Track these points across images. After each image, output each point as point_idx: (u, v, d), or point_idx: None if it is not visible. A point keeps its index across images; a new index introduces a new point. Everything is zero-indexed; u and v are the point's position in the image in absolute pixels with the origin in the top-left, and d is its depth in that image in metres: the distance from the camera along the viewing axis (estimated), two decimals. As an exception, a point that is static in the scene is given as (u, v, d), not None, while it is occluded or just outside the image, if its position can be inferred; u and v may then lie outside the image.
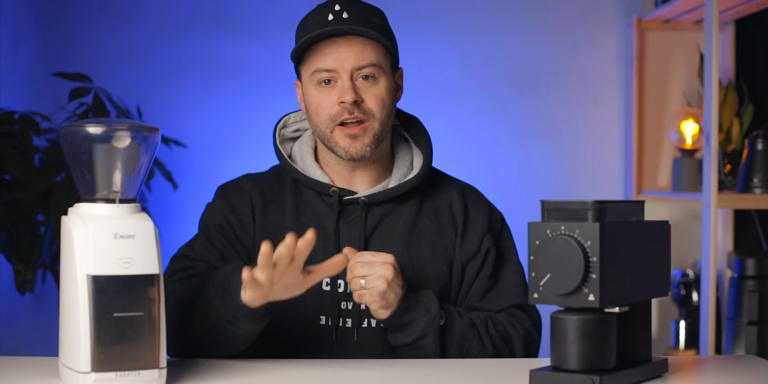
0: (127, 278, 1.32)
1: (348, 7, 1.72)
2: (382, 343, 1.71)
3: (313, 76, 1.72)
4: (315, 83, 1.73)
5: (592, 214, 1.34)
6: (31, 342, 3.22)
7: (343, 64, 1.70)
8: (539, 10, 3.40)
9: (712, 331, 2.64)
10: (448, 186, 1.85)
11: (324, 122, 1.72)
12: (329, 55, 1.70)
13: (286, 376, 1.50)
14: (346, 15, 1.70)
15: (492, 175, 3.32)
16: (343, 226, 1.75)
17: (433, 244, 1.77)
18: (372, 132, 1.72)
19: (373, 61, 1.71)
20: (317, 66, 1.71)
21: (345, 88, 1.70)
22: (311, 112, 1.75)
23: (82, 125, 1.37)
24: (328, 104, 1.71)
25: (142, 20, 3.37)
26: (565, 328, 1.36)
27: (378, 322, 1.71)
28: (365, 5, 1.75)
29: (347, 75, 1.70)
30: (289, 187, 1.79)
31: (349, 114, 1.70)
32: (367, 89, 1.72)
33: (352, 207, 1.76)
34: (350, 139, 1.71)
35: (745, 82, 3.13)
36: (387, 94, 1.73)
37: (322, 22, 1.70)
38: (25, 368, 1.50)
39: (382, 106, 1.72)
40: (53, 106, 3.15)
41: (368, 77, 1.71)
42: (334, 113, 1.71)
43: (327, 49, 1.70)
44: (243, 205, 1.77)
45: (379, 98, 1.72)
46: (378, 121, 1.72)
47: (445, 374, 1.52)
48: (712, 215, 2.64)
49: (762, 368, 1.56)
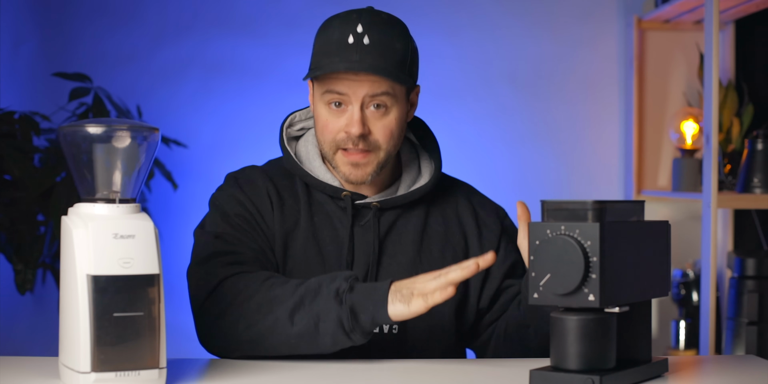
0: (127, 278, 1.32)
1: (370, 31, 1.66)
2: (394, 350, 1.71)
3: (324, 95, 1.69)
4: (325, 102, 1.69)
5: (592, 214, 1.34)
6: (31, 342, 3.22)
7: (356, 91, 1.66)
8: (539, 10, 3.40)
9: (712, 331, 2.64)
10: (453, 189, 1.85)
11: (328, 144, 1.71)
12: (343, 81, 1.66)
13: (287, 376, 1.50)
14: (368, 40, 1.65)
15: (492, 175, 3.32)
16: (357, 230, 1.74)
17: (443, 249, 1.77)
18: (376, 161, 1.70)
19: (387, 90, 1.67)
20: (330, 87, 1.68)
21: (354, 119, 1.67)
22: (317, 128, 1.73)
23: (82, 125, 1.37)
24: (335, 128, 1.69)
25: (142, 20, 3.37)
26: (565, 328, 1.36)
27: (390, 327, 1.71)
28: (388, 27, 1.69)
29: (358, 102, 1.67)
30: (299, 185, 1.77)
31: (354, 145, 1.68)
32: (376, 120, 1.69)
33: (364, 211, 1.75)
34: (352, 166, 1.70)
35: (745, 82, 3.13)
36: (397, 124, 1.70)
37: (341, 46, 1.65)
38: (25, 368, 1.50)
39: (390, 138, 1.70)
40: (53, 106, 3.15)
41: (380, 106, 1.68)
42: (338, 139, 1.69)
43: (342, 75, 1.66)
44: (261, 198, 1.74)
45: (388, 130, 1.69)
46: (384, 151, 1.70)
47: (445, 374, 1.52)
48: (712, 215, 2.64)
49: (762, 368, 1.56)
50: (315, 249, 1.72)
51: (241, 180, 1.77)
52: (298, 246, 1.72)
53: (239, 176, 1.78)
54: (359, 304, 1.51)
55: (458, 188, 1.86)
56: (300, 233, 1.73)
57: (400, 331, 1.72)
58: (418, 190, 1.77)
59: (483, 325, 1.80)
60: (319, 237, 1.73)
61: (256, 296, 1.57)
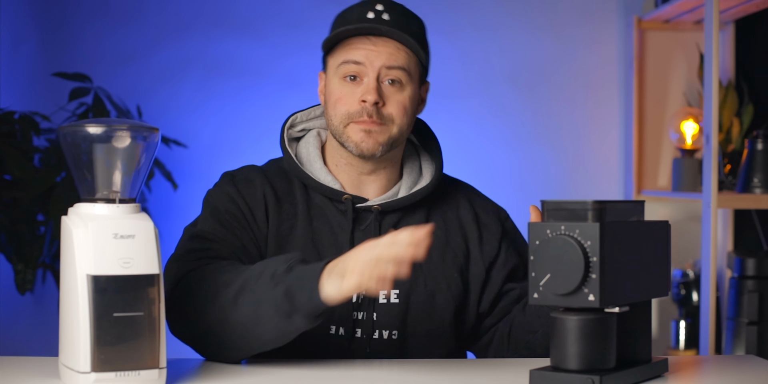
0: (127, 278, 1.32)
1: (390, 10, 1.69)
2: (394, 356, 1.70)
3: (340, 67, 1.68)
4: (340, 76, 1.69)
5: (592, 214, 1.34)
6: (31, 342, 3.22)
7: (373, 61, 1.66)
8: (539, 10, 3.40)
9: (712, 331, 2.64)
10: (454, 191, 1.83)
11: (339, 116, 1.69)
12: (361, 49, 1.67)
13: (287, 376, 1.49)
14: (387, 17, 1.67)
15: (492, 175, 3.32)
16: (357, 234, 1.72)
17: (443, 254, 1.75)
18: (388, 134, 1.68)
19: (403, 65, 1.68)
20: (346, 57, 1.67)
21: (369, 87, 1.66)
22: (329, 105, 1.71)
23: (82, 125, 1.37)
24: (349, 100, 1.68)
25: (142, 20, 3.37)
26: (565, 328, 1.36)
27: (390, 333, 1.70)
28: (407, 11, 1.73)
29: (374, 73, 1.66)
30: (298, 188, 1.75)
31: (368, 116, 1.66)
32: (391, 94, 1.68)
33: (364, 215, 1.73)
34: (364, 133, 1.67)
35: (745, 82, 3.13)
36: (410, 102, 1.70)
37: (362, 19, 1.68)
38: (25, 368, 1.50)
39: (404, 113, 1.69)
40: (53, 106, 3.15)
41: (395, 82, 1.68)
42: (353, 111, 1.67)
43: (360, 43, 1.67)
44: (255, 198, 1.71)
45: (402, 105, 1.68)
46: (397, 127, 1.68)
47: (444, 374, 1.52)
48: (712, 215, 2.64)
49: (762, 368, 1.56)
50: (314, 254, 1.69)
51: (238, 178, 1.75)
52: (296, 250, 1.70)
53: (236, 174, 1.76)
54: (294, 285, 1.44)
55: (460, 189, 1.84)
56: (298, 238, 1.71)
57: (399, 336, 1.71)
58: (419, 192, 1.75)
59: (483, 329, 1.79)
60: (318, 242, 1.71)
61: (207, 283, 1.53)
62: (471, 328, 1.78)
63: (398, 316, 1.70)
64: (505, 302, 1.77)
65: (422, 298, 1.71)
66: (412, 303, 1.71)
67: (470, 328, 1.78)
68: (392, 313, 1.70)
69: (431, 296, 1.72)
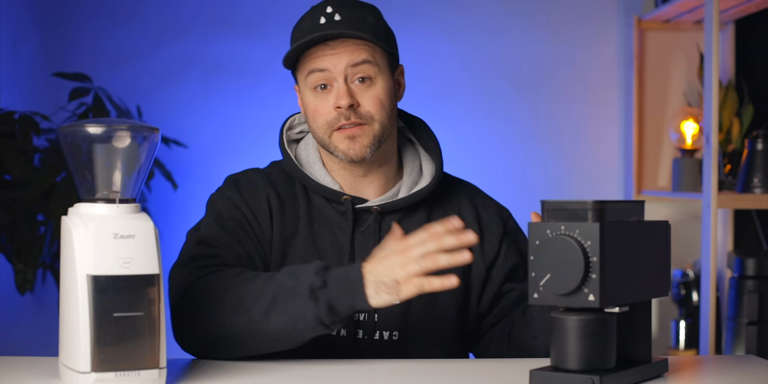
0: (127, 278, 1.32)
1: (340, 9, 1.68)
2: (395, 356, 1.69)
3: (308, 79, 1.68)
4: (311, 88, 1.69)
5: (592, 214, 1.34)
6: (31, 342, 3.22)
7: (336, 64, 1.66)
8: (539, 10, 3.40)
9: (712, 331, 2.64)
10: (455, 191, 1.82)
11: (321, 128, 1.69)
12: (321, 56, 1.67)
13: (286, 376, 1.50)
14: (339, 17, 1.67)
15: (492, 175, 3.32)
16: (357, 236, 1.71)
17: None
18: (371, 133, 1.68)
19: (367, 58, 1.67)
20: (310, 67, 1.67)
21: (340, 92, 1.66)
22: (309, 118, 1.71)
23: (82, 125, 1.37)
24: (324, 110, 1.68)
25: (142, 20, 3.37)
26: (565, 328, 1.36)
27: (390, 334, 1.70)
28: (358, 4, 1.71)
29: (341, 76, 1.66)
30: (299, 190, 1.74)
31: (346, 120, 1.66)
32: (363, 92, 1.68)
33: (364, 216, 1.73)
34: (349, 140, 1.67)
35: (745, 82, 3.13)
36: (385, 94, 1.69)
37: (314, 27, 1.67)
38: (25, 368, 1.50)
39: (381, 108, 1.68)
40: (53, 106, 3.16)
41: (364, 79, 1.68)
42: (331, 119, 1.67)
43: (320, 51, 1.67)
44: (259, 204, 1.71)
45: (377, 100, 1.68)
46: (378, 123, 1.68)
47: (445, 374, 1.52)
48: (712, 215, 2.64)
49: (762, 368, 1.56)
50: (315, 257, 1.69)
51: (241, 183, 1.74)
52: (298, 253, 1.70)
53: (239, 179, 1.76)
54: (336, 298, 1.48)
55: (461, 189, 1.83)
56: (300, 241, 1.71)
57: (401, 337, 1.70)
58: (419, 192, 1.74)
59: (482, 329, 1.78)
60: (319, 244, 1.71)
61: (227, 294, 1.54)
62: (472, 328, 1.78)
63: (399, 317, 1.70)
64: (504, 303, 1.77)
65: (423, 299, 1.70)
66: (413, 304, 1.70)
67: (471, 329, 1.78)
68: (393, 314, 1.70)
69: (432, 297, 1.71)
